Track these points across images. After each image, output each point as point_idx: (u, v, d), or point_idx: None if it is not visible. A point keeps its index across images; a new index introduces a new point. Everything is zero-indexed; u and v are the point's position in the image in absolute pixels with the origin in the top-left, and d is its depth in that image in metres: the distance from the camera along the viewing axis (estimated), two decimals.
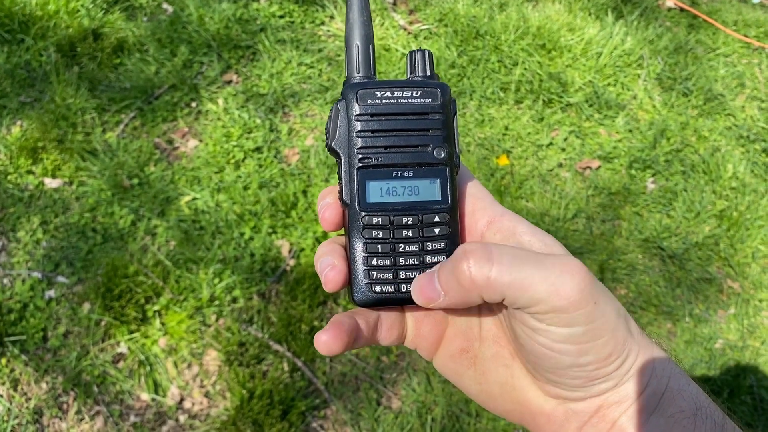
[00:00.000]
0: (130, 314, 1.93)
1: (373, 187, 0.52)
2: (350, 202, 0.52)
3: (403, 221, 0.52)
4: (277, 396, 1.83)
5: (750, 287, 2.21)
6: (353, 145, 0.52)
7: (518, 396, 0.53)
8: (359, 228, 0.51)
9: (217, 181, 2.25)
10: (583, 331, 0.45)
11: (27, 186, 2.20)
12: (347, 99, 0.52)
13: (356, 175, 0.52)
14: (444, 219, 0.52)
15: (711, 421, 0.47)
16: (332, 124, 0.52)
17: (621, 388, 0.48)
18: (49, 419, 1.80)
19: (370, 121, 0.52)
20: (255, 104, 2.48)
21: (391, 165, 0.52)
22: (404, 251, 0.52)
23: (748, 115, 2.69)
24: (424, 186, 0.52)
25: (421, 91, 0.52)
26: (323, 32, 2.80)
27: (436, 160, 0.52)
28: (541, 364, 0.49)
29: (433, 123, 0.52)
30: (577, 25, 2.89)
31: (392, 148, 0.52)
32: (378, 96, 0.52)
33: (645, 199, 2.39)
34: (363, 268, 0.52)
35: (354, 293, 0.52)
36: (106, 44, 2.60)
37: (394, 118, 0.52)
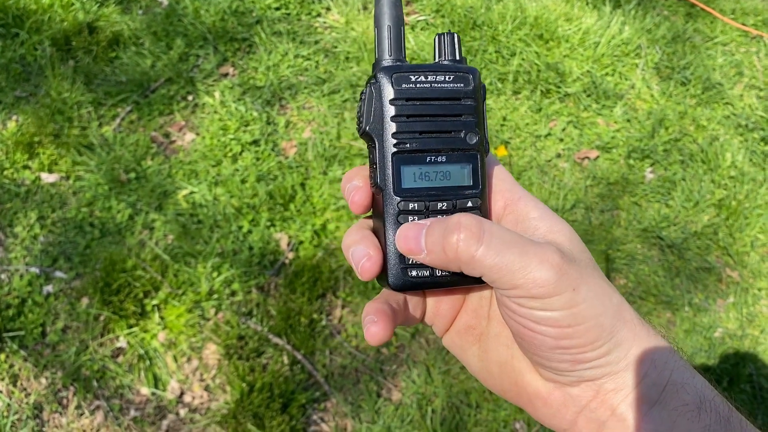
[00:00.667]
0: (129, 309, 1.93)
1: (408, 172, 0.52)
2: (384, 188, 0.52)
3: (438, 206, 0.52)
4: (277, 389, 1.83)
5: (749, 276, 2.21)
6: (388, 129, 0.51)
7: (516, 377, 0.54)
8: (395, 213, 0.51)
9: (215, 175, 2.25)
10: (562, 315, 0.46)
11: (23, 181, 2.19)
12: (381, 82, 0.51)
13: (392, 159, 0.51)
14: (476, 204, 0.52)
15: (716, 415, 0.47)
16: (366, 107, 0.52)
17: (617, 376, 0.48)
18: (49, 414, 1.79)
19: (406, 106, 0.51)
20: (252, 97, 2.47)
21: (425, 150, 0.52)
22: None
23: (746, 104, 2.69)
24: (456, 171, 0.53)
25: (453, 76, 0.52)
26: (319, 24, 2.78)
27: (468, 145, 0.53)
28: (526, 345, 0.50)
29: (465, 108, 0.52)
30: (575, 15, 2.87)
31: (426, 133, 0.52)
32: (412, 80, 0.51)
33: (644, 188, 2.38)
34: (398, 253, 0.51)
35: (389, 278, 0.52)
36: (101, 38, 2.58)
37: (428, 103, 0.52)
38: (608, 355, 0.48)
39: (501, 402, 1.87)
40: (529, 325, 0.48)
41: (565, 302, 0.46)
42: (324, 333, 1.97)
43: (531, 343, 0.49)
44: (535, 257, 0.46)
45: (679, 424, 0.47)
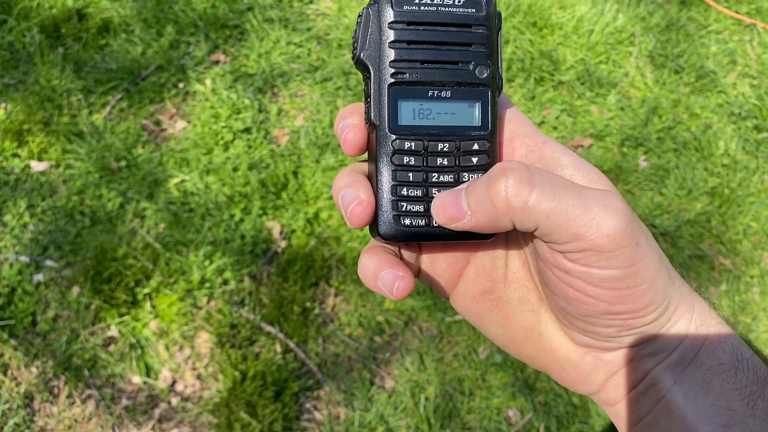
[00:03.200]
0: (120, 297, 1.91)
1: (406, 107, 0.46)
2: (379, 124, 0.46)
3: (439, 147, 0.46)
4: (269, 377, 1.82)
5: (741, 264, 2.21)
6: (385, 57, 0.46)
7: (544, 343, 0.51)
8: (389, 153, 0.46)
9: (206, 163, 2.23)
10: (623, 275, 0.42)
11: (13, 169, 2.17)
12: (380, 3, 0.46)
13: (387, 92, 0.46)
14: (483, 147, 0.47)
15: (753, 375, 0.45)
16: (361, 31, 0.46)
17: (656, 341, 0.46)
18: (39, 403, 1.78)
19: (406, 30, 0.46)
20: (243, 84, 2.45)
21: (427, 83, 0.46)
22: (438, 181, 0.47)
23: (739, 92, 2.68)
24: (462, 109, 0.47)
25: (464, 0, 0.46)
26: (312, 11, 2.76)
27: (477, 79, 0.46)
28: (571, 310, 0.46)
29: (476, 37, 0.46)
30: (569, 3, 2.86)
31: (429, 63, 0.46)
32: (416, 2, 0.46)
33: (637, 176, 2.38)
34: (391, 198, 0.46)
35: (379, 225, 0.47)
36: (90, 25, 2.55)
37: (433, 29, 0.46)
38: (657, 320, 0.45)
39: (494, 389, 1.87)
40: (582, 287, 0.43)
41: (628, 258, 0.41)
42: (317, 321, 1.96)
43: (579, 308, 0.45)
44: (596, 202, 0.41)
45: (714, 385, 0.45)
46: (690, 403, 0.45)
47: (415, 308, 1.98)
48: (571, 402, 1.85)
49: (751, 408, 0.44)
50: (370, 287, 0.47)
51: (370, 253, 0.48)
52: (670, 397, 0.45)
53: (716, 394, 0.44)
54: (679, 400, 0.45)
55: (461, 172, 0.47)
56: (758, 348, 0.48)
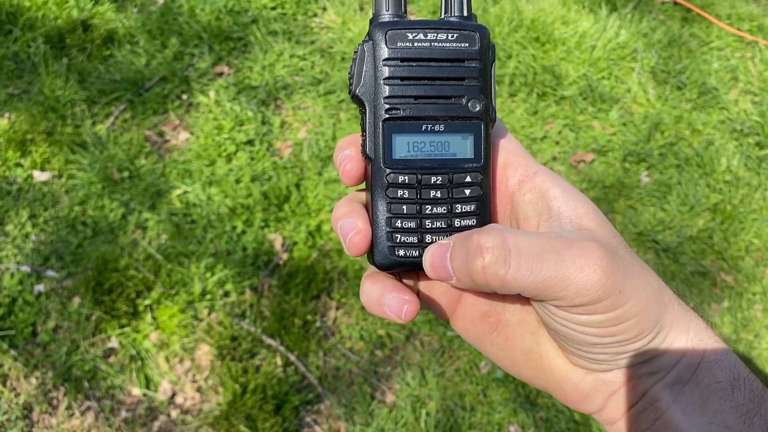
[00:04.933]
0: (121, 308, 1.91)
1: (400, 141, 0.47)
2: (374, 157, 0.47)
3: (432, 180, 0.47)
4: (270, 390, 1.81)
5: (743, 280, 2.21)
6: (380, 93, 0.46)
7: (544, 364, 0.51)
8: (383, 186, 0.47)
9: (209, 174, 2.23)
10: (607, 318, 0.44)
11: (15, 179, 2.17)
12: (375, 40, 0.46)
13: (382, 127, 0.47)
14: (476, 179, 0.47)
15: (750, 393, 0.45)
16: (357, 68, 0.47)
17: (653, 361, 0.47)
18: (38, 415, 1.77)
19: (400, 67, 0.46)
20: (247, 96, 2.46)
21: (420, 117, 0.47)
22: (431, 213, 0.47)
23: (741, 109, 2.69)
24: (455, 142, 0.47)
25: (457, 35, 0.47)
26: (315, 24, 2.77)
27: (470, 113, 0.47)
28: (563, 341, 0.48)
29: (469, 71, 0.47)
30: (571, 18, 2.88)
31: (423, 98, 0.47)
32: (409, 38, 0.46)
33: (639, 192, 2.38)
34: (386, 230, 0.47)
35: (375, 256, 0.48)
36: (95, 36, 2.56)
37: (426, 64, 0.46)
38: (650, 343, 0.46)
39: (495, 405, 1.86)
40: (570, 326, 0.45)
41: (610, 306, 0.43)
42: (318, 334, 1.95)
43: (571, 339, 0.47)
44: (574, 264, 0.42)
45: (711, 402, 0.45)
46: (688, 421, 0.45)
47: (416, 322, 1.97)
48: (572, 418, 1.84)
49: (748, 425, 0.44)
50: (376, 313, 0.48)
51: (373, 279, 0.49)
52: (669, 416, 0.46)
53: (714, 411, 0.45)
54: (678, 417, 0.46)
55: (454, 204, 0.48)
56: (756, 367, 0.50)
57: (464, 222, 0.48)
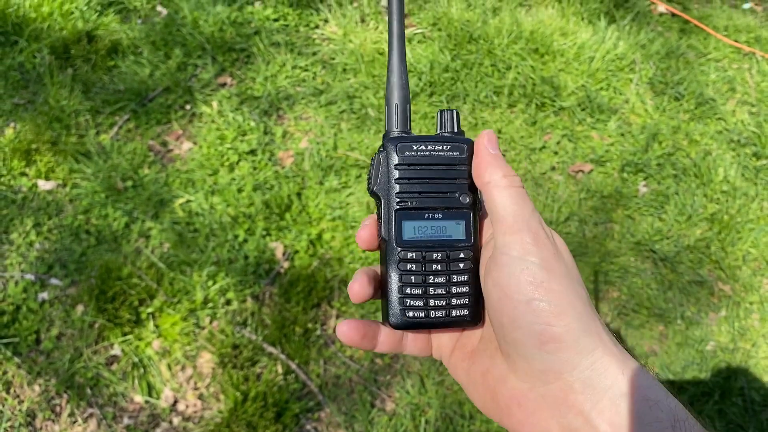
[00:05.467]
0: (124, 316, 1.93)
1: (408, 226, 0.60)
2: (388, 239, 0.59)
3: (433, 257, 0.59)
4: (271, 398, 1.83)
5: (741, 290, 2.23)
6: (392, 190, 0.60)
7: (495, 384, 0.56)
8: (396, 261, 0.59)
9: (211, 184, 2.26)
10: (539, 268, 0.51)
11: (20, 188, 2.19)
12: (388, 150, 0.60)
13: (394, 215, 0.59)
14: (467, 255, 0.60)
15: None
16: (374, 171, 0.60)
17: (585, 380, 0.49)
18: (41, 422, 1.79)
19: (408, 170, 0.59)
20: (249, 107, 2.49)
21: (424, 208, 0.60)
22: (434, 282, 0.59)
23: (738, 120, 2.72)
24: (451, 226, 0.60)
25: (450, 146, 0.60)
26: (317, 36, 2.80)
27: (461, 204, 0.60)
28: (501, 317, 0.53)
29: (459, 173, 0.60)
30: (570, 30, 2.91)
31: (425, 193, 0.60)
32: (414, 148, 0.59)
33: (637, 202, 2.40)
34: (398, 296, 0.59)
35: (390, 317, 0.60)
36: (100, 46, 2.59)
37: (427, 168, 0.60)
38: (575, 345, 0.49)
39: None
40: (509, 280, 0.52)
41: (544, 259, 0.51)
42: (318, 343, 1.97)
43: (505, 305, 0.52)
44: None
45: None
46: None
47: None
48: None
49: None
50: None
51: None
52: None
53: None
54: None
55: (451, 275, 0.60)
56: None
57: (460, 289, 0.59)
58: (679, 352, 2.07)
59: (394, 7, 0.61)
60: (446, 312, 0.59)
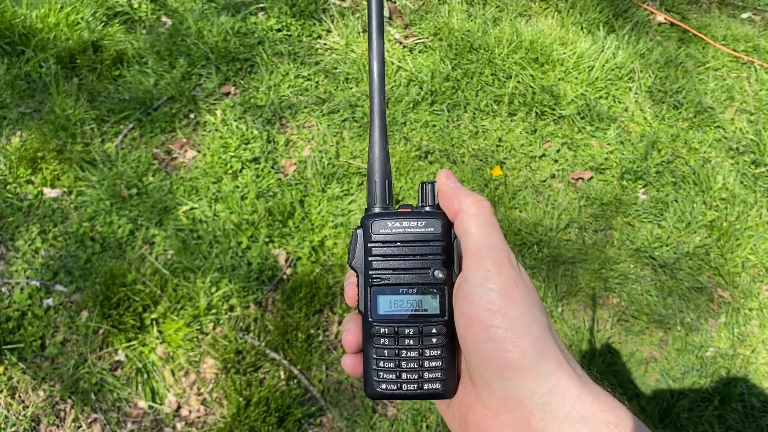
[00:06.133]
0: (128, 322, 1.95)
1: (383, 300, 0.61)
2: (365, 312, 0.61)
3: (406, 332, 0.60)
4: (273, 403, 1.84)
5: (740, 296, 2.24)
6: (368, 266, 0.61)
7: (466, 411, 0.57)
8: (370, 335, 0.60)
9: (215, 191, 2.28)
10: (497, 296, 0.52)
11: (26, 195, 2.22)
12: (364, 227, 0.62)
13: (369, 291, 0.61)
14: (441, 330, 0.60)
15: None
16: (352, 246, 0.62)
17: (545, 406, 0.50)
18: (46, 427, 1.81)
19: (382, 247, 0.61)
20: (253, 115, 2.52)
21: (398, 284, 0.61)
22: (406, 356, 0.60)
23: (737, 128, 2.74)
24: (426, 301, 0.60)
25: (425, 221, 0.61)
26: (320, 45, 2.84)
27: (435, 280, 0.60)
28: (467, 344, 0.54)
29: (434, 249, 0.60)
30: (570, 39, 2.94)
31: (399, 269, 0.61)
32: (389, 226, 0.61)
33: (636, 209, 2.42)
34: (373, 368, 0.60)
35: (365, 387, 0.62)
36: (105, 56, 2.63)
37: (401, 245, 0.61)
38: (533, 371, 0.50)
39: None
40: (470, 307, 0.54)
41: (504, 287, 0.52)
42: (321, 348, 1.99)
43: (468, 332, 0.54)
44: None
45: None
46: None
47: None
48: None
49: None
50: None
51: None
52: None
53: None
54: None
55: (424, 349, 0.60)
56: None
57: (432, 363, 0.60)
58: (678, 358, 2.09)
59: (375, 83, 0.63)
60: (418, 385, 0.59)
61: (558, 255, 2.26)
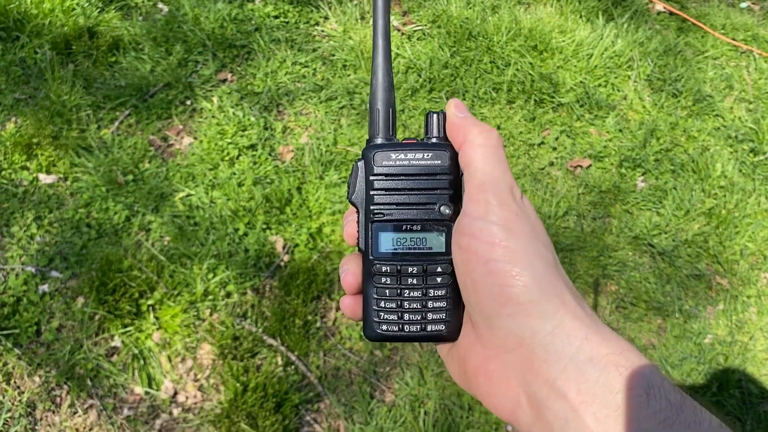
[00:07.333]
0: (124, 308, 1.94)
1: (385, 237, 0.57)
2: (365, 250, 0.57)
3: (409, 270, 0.56)
4: (270, 389, 1.83)
5: (738, 284, 2.24)
6: (369, 201, 0.57)
7: (465, 354, 0.55)
8: (371, 274, 0.57)
9: (212, 178, 2.27)
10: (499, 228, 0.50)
11: (21, 182, 2.20)
12: (366, 159, 0.58)
13: (371, 228, 0.57)
14: (446, 269, 0.56)
15: (666, 401, 0.44)
16: (352, 180, 0.58)
17: (548, 346, 0.47)
18: (42, 412, 1.80)
19: (385, 181, 0.57)
20: (249, 102, 2.50)
21: (401, 220, 0.57)
22: (409, 296, 0.57)
23: (736, 116, 2.73)
24: (430, 238, 0.57)
25: (431, 153, 0.57)
26: (317, 32, 2.82)
27: (441, 216, 0.57)
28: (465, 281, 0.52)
29: (440, 183, 0.57)
30: (569, 27, 2.92)
31: (403, 205, 0.57)
32: (393, 158, 0.57)
33: (635, 197, 2.42)
34: (373, 309, 0.57)
35: (365, 329, 0.58)
36: (101, 42, 2.61)
37: (405, 179, 0.57)
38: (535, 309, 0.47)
39: None
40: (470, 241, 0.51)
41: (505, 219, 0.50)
42: (318, 335, 1.98)
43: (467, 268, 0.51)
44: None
45: (626, 410, 0.43)
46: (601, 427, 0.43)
47: None
48: None
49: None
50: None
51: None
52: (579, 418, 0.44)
53: (628, 418, 0.43)
54: (589, 422, 0.44)
55: (428, 289, 0.57)
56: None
57: (436, 304, 0.57)
58: (677, 345, 2.08)
59: (378, 1, 0.58)
60: (421, 327, 0.56)
61: (556, 242, 2.25)
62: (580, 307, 0.49)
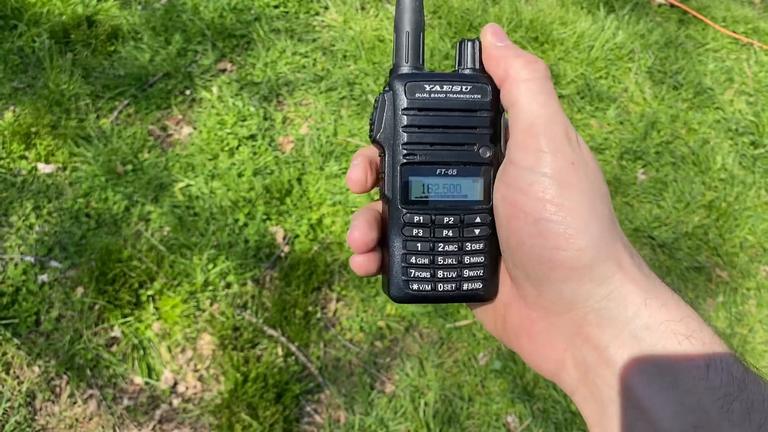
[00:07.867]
0: (124, 298, 1.93)
1: (416, 183, 0.50)
2: (392, 198, 0.51)
3: (444, 221, 0.50)
4: (271, 379, 1.83)
5: (738, 276, 2.24)
6: (398, 139, 0.50)
7: (503, 309, 0.51)
8: (400, 225, 0.50)
9: (211, 168, 2.26)
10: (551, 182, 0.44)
11: (20, 171, 2.19)
12: (395, 90, 0.50)
13: (399, 171, 0.50)
14: (485, 220, 0.51)
15: (728, 375, 0.39)
16: (378, 115, 0.51)
17: (601, 311, 0.43)
18: (41, 402, 1.79)
19: (418, 116, 0.50)
20: (249, 92, 2.48)
21: (435, 162, 0.50)
22: (443, 251, 0.51)
23: (736, 109, 2.73)
24: (467, 185, 0.51)
25: (470, 86, 0.50)
26: (318, 22, 2.80)
27: (481, 159, 0.51)
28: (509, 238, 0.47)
29: (481, 121, 0.50)
30: (570, 19, 2.91)
31: (438, 144, 0.50)
32: (427, 89, 0.50)
33: (635, 189, 2.42)
34: (401, 265, 0.51)
35: (390, 289, 0.52)
36: (100, 31, 2.59)
37: (442, 114, 0.50)
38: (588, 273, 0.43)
39: (493, 395, 1.88)
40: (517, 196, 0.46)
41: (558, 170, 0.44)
42: (318, 326, 1.98)
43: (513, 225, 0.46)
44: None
45: (683, 381, 0.40)
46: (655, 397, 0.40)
47: (415, 314, 2.00)
48: (569, 409, 1.87)
49: (726, 410, 0.39)
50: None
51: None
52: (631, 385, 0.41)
53: (685, 390, 0.40)
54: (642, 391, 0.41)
55: (464, 242, 0.51)
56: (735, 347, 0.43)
57: (474, 259, 0.51)
58: None
59: None
60: (456, 285, 0.50)
61: None
62: (638, 268, 0.44)
